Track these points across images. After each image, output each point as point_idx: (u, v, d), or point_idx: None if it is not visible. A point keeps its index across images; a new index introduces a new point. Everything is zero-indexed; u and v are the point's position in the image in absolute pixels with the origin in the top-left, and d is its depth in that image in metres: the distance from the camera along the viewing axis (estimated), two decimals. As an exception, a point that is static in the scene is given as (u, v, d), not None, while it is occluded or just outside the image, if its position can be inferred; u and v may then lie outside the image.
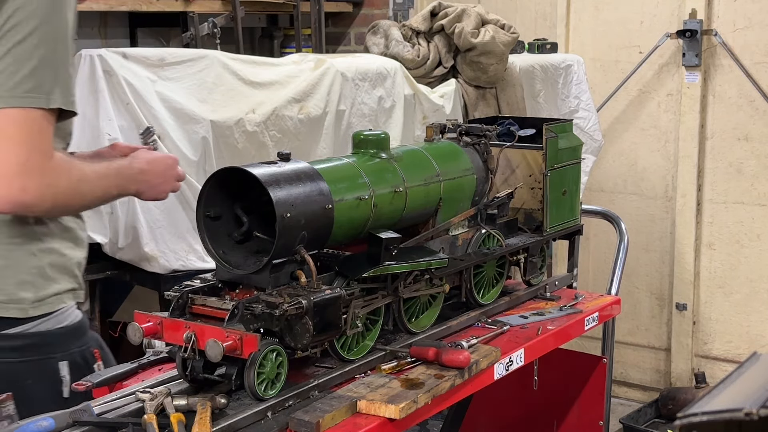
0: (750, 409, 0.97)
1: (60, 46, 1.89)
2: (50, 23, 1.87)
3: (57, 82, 1.88)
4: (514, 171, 2.58)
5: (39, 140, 1.85)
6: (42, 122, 1.86)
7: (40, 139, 1.86)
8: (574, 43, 5.15)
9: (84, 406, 1.80)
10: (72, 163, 1.95)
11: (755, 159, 4.68)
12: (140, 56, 3.09)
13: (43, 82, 1.86)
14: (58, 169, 1.89)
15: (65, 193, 1.91)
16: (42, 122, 1.86)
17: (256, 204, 1.88)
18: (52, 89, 1.87)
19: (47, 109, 1.86)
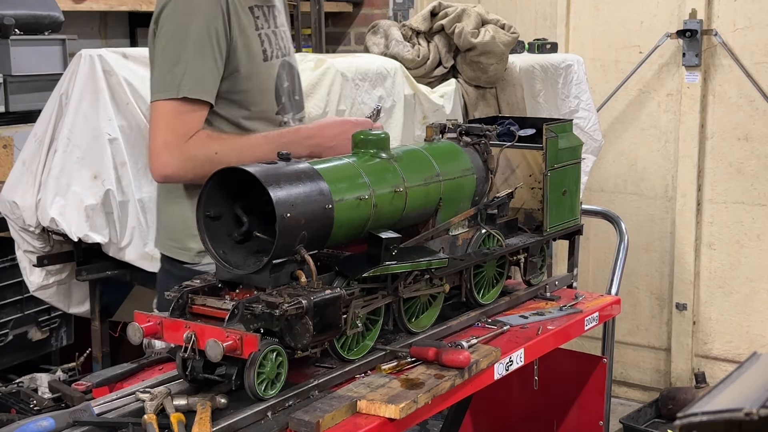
0: (750, 409, 0.97)
1: (190, 48, 2.30)
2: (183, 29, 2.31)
3: (186, 76, 2.30)
4: (514, 171, 2.58)
5: (176, 124, 2.31)
6: (179, 109, 2.31)
7: (177, 123, 2.31)
8: (574, 43, 5.16)
9: (84, 406, 1.81)
10: (212, 139, 2.34)
11: (755, 159, 4.68)
12: (140, 56, 3.08)
13: (175, 77, 2.30)
14: (195, 145, 2.31)
15: (203, 165, 2.28)
16: (179, 109, 2.31)
17: (256, 204, 1.88)
18: (181, 82, 2.30)
19: (179, 98, 2.29)
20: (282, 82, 2.52)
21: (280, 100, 2.51)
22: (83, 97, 2.94)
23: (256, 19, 2.44)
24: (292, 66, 2.59)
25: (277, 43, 2.51)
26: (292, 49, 2.61)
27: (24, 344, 3.48)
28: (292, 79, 2.58)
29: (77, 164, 2.92)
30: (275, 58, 2.49)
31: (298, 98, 2.62)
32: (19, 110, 3.61)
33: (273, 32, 2.51)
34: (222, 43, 2.34)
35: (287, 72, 2.55)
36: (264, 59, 2.45)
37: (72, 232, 2.89)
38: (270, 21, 2.50)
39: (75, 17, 4.28)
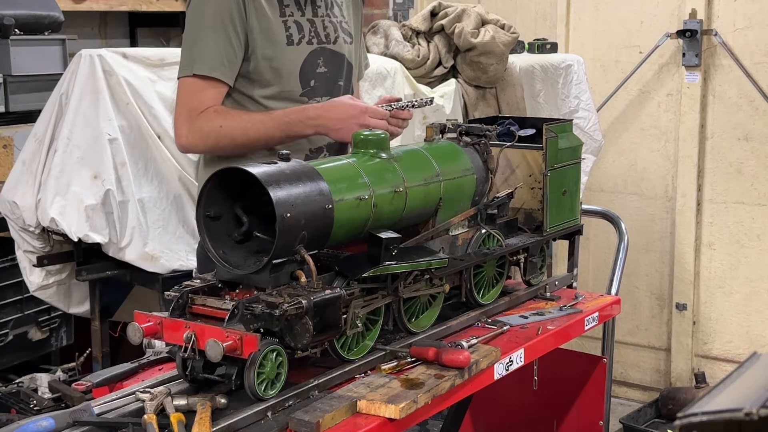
0: (750, 409, 0.97)
1: (204, 30, 2.50)
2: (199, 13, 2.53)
3: (198, 56, 2.50)
4: (514, 171, 2.58)
5: (190, 99, 2.52)
6: (193, 86, 2.51)
7: (190, 98, 2.52)
8: (574, 43, 5.15)
9: (84, 406, 1.81)
10: (218, 114, 2.50)
11: (755, 159, 4.68)
12: (140, 56, 3.09)
13: (191, 57, 2.52)
14: (203, 119, 2.49)
15: (210, 137, 2.49)
16: (193, 86, 2.51)
17: (256, 204, 1.88)
18: (195, 61, 2.51)
19: (191, 75, 2.50)
20: (314, 66, 2.63)
21: (307, 84, 2.61)
22: (83, 97, 2.94)
23: (284, 6, 2.59)
24: (337, 53, 2.70)
25: (314, 30, 2.65)
26: (343, 38, 2.73)
27: (24, 344, 3.48)
28: (334, 66, 2.69)
29: (77, 164, 2.92)
30: (306, 44, 2.62)
31: (342, 84, 2.73)
32: (19, 110, 3.61)
33: (309, 20, 2.64)
34: (238, 26, 2.51)
35: (327, 58, 2.67)
36: (288, 43, 2.58)
37: (72, 232, 2.89)
38: (306, 9, 2.65)
39: (75, 17, 4.28)
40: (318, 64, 2.65)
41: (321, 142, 2.63)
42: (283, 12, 2.59)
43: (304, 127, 2.52)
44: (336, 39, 2.71)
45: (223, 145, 2.52)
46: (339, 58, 2.72)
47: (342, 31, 2.75)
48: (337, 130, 2.51)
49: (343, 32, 2.75)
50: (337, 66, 2.71)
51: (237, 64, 2.54)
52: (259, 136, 2.49)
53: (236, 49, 2.52)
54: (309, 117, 2.51)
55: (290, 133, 2.51)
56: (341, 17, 2.76)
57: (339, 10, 2.76)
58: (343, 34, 2.75)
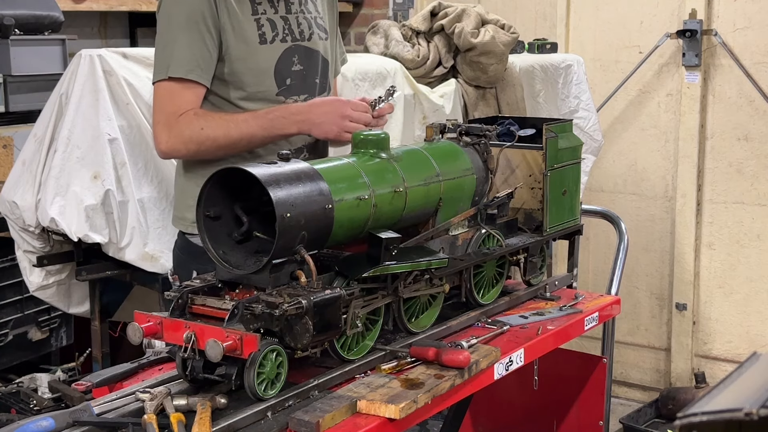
0: (750, 409, 0.97)
1: (176, 32, 2.48)
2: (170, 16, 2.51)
3: (172, 58, 2.47)
4: (514, 171, 2.58)
5: (167, 104, 2.49)
6: (169, 90, 2.49)
7: (168, 103, 2.49)
8: (574, 43, 5.15)
9: (84, 406, 1.81)
10: (198, 116, 2.47)
11: (755, 159, 4.68)
12: (140, 56, 3.09)
13: (164, 60, 2.49)
14: (183, 122, 2.47)
15: (192, 139, 2.47)
16: (169, 90, 2.49)
17: (256, 204, 1.88)
18: (169, 64, 2.48)
19: (167, 79, 2.47)
20: (289, 65, 2.61)
21: (283, 82, 2.59)
22: (83, 97, 2.94)
23: (256, 5, 2.56)
24: (312, 50, 2.68)
25: (288, 28, 2.62)
26: (318, 34, 2.70)
27: (24, 344, 3.48)
28: (309, 63, 2.67)
29: (77, 164, 2.92)
30: (280, 42, 2.59)
31: (318, 81, 2.70)
32: (19, 110, 3.61)
33: (283, 18, 2.61)
34: (210, 26, 2.48)
35: (302, 56, 2.64)
36: (261, 42, 2.55)
37: (72, 232, 2.89)
38: (279, 6, 2.61)
39: (75, 17, 4.28)
40: (293, 62, 2.63)
41: (301, 142, 2.61)
42: (255, 10, 2.56)
43: (288, 124, 2.49)
44: (311, 35, 2.68)
45: (205, 148, 2.48)
46: (314, 54, 2.69)
47: (317, 27, 2.72)
48: (319, 124, 2.50)
49: (317, 28, 2.72)
50: (312, 63, 2.69)
51: (212, 65, 2.51)
52: (242, 136, 2.47)
53: (210, 50, 2.49)
54: (292, 113, 2.50)
55: (273, 132, 2.50)
56: (316, 13, 2.73)
57: (313, 6, 2.73)
58: (318, 30, 2.72)
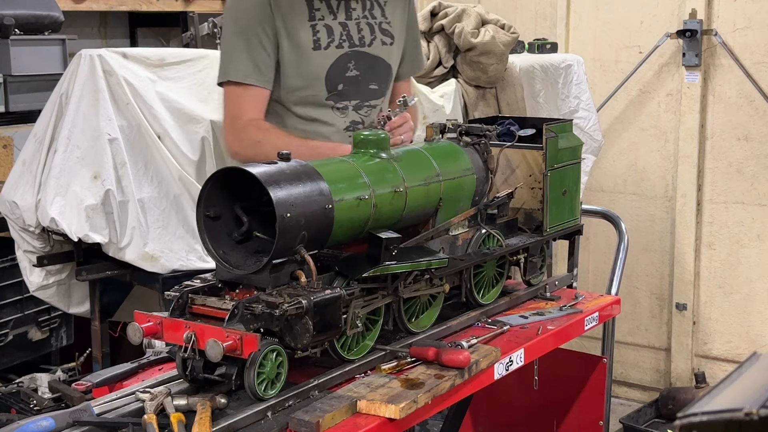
0: (750, 409, 0.97)
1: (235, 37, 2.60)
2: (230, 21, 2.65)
3: (231, 63, 2.61)
4: (514, 171, 2.58)
5: (231, 107, 2.64)
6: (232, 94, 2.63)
7: (231, 106, 2.64)
8: (574, 43, 5.15)
9: (84, 406, 1.81)
10: (259, 129, 2.60)
11: (755, 159, 4.68)
12: (140, 56, 3.09)
13: (224, 64, 2.64)
14: (245, 130, 2.61)
15: (249, 148, 2.60)
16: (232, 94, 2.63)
17: (256, 204, 1.88)
18: (228, 69, 2.62)
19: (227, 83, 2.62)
20: (344, 70, 2.69)
21: (334, 88, 2.68)
22: (83, 97, 2.94)
23: (314, 10, 2.64)
24: (371, 56, 2.74)
25: (346, 34, 2.68)
26: (381, 40, 2.76)
27: (24, 344, 3.48)
28: (367, 68, 2.73)
29: (77, 164, 2.92)
30: (336, 48, 2.65)
31: (374, 87, 2.77)
32: (19, 110, 3.61)
33: (342, 24, 2.67)
34: (267, 30, 2.59)
35: (359, 61, 2.71)
36: (314, 48, 2.63)
37: (72, 232, 2.89)
38: (339, 13, 2.68)
39: (75, 17, 4.28)
40: (348, 68, 2.69)
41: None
42: (313, 16, 2.63)
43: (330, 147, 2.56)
44: (372, 41, 2.74)
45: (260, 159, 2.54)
46: (374, 60, 2.75)
47: (380, 32, 2.77)
48: None
49: (382, 34, 2.77)
50: (370, 69, 2.74)
51: (271, 68, 2.61)
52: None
53: (270, 53, 2.59)
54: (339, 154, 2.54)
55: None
56: (382, 18, 2.78)
57: (380, 11, 2.78)
58: (382, 36, 2.77)
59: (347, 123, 2.75)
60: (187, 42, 4.58)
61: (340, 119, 2.74)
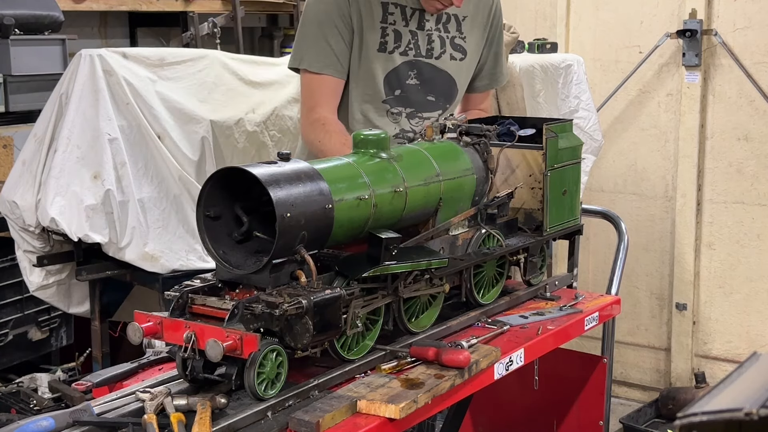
0: (750, 409, 0.97)
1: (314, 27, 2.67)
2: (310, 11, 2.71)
3: (308, 52, 2.68)
4: (514, 171, 2.58)
5: (307, 98, 2.73)
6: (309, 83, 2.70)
7: (308, 96, 2.73)
8: (574, 43, 5.15)
9: (84, 406, 1.81)
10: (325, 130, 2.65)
11: (755, 159, 4.68)
12: (140, 56, 3.09)
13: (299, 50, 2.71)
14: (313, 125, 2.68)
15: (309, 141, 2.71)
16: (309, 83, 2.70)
17: (256, 204, 1.88)
18: (303, 56, 2.70)
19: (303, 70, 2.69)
20: (405, 77, 2.75)
21: (392, 92, 2.75)
22: (83, 97, 2.94)
23: (388, 14, 2.70)
24: (436, 68, 2.79)
25: (414, 42, 2.73)
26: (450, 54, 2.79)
27: (24, 344, 3.48)
28: (428, 80, 2.78)
29: (77, 164, 2.92)
30: (400, 54, 2.73)
31: (432, 99, 2.81)
32: (19, 110, 3.61)
33: (412, 32, 2.74)
34: (342, 25, 2.66)
35: (421, 71, 2.76)
36: (380, 50, 2.69)
37: (72, 232, 2.89)
38: (411, 21, 2.73)
39: (75, 17, 4.28)
40: (409, 76, 2.75)
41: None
42: (386, 19, 2.68)
43: None
44: (440, 55, 2.77)
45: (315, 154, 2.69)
46: (438, 73, 2.78)
47: (452, 47, 2.79)
48: None
49: (453, 48, 2.80)
50: (432, 80, 2.78)
51: (346, 59, 2.69)
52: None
53: (347, 43, 2.67)
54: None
55: None
56: (456, 33, 2.81)
57: (456, 26, 2.80)
58: (452, 50, 2.80)
59: (397, 130, 2.80)
60: (187, 42, 4.58)
61: (392, 125, 2.79)
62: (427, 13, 2.75)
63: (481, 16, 2.87)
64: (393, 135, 2.79)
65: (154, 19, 4.86)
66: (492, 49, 2.95)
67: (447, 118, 2.49)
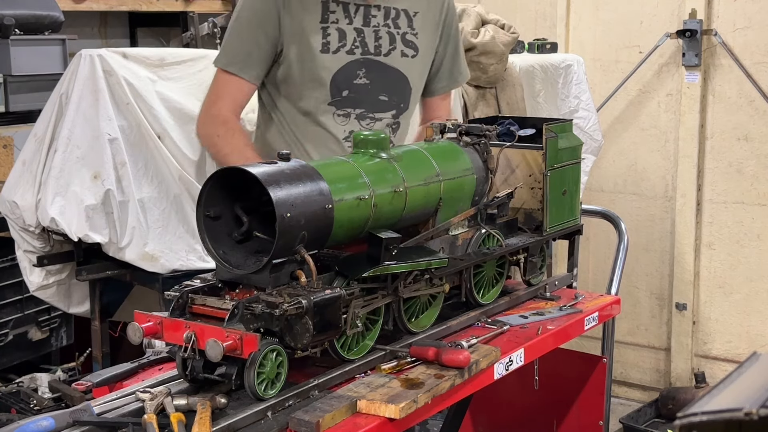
0: (750, 409, 0.97)
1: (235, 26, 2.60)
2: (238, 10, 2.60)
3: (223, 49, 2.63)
4: (514, 171, 2.58)
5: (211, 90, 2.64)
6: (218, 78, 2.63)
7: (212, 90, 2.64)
8: (574, 43, 5.15)
9: (84, 406, 1.81)
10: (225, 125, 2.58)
11: (755, 159, 4.68)
12: (140, 56, 3.09)
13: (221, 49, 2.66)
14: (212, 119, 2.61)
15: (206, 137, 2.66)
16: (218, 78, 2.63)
17: (256, 204, 1.88)
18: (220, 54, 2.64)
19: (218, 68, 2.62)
20: (352, 77, 2.63)
21: (339, 93, 2.63)
22: (83, 97, 2.94)
23: (329, 12, 2.59)
24: (386, 66, 2.68)
25: (361, 40, 2.63)
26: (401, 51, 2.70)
27: (24, 344, 3.48)
28: (379, 78, 2.67)
29: (77, 164, 2.92)
30: (346, 54, 2.62)
31: (384, 99, 2.70)
32: (19, 110, 3.62)
33: (357, 29, 2.63)
34: (268, 27, 2.56)
35: (371, 70, 2.65)
36: (323, 51, 2.58)
37: (72, 232, 2.89)
38: (356, 18, 2.62)
39: (75, 17, 4.28)
40: (358, 75, 2.64)
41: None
42: (326, 18, 2.59)
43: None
44: (390, 51, 2.68)
45: (211, 151, 2.69)
46: (388, 71, 2.69)
47: (403, 43, 2.70)
48: None
49: (404, 45, 2.70)
50: (383, 79, 2.68)
51: (260, 64, 2.60)
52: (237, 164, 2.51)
53: (262, 48, 2.57)
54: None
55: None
56: (407, 29, 2.71)
57: (407, 21, 2.71)
58: (404, 47, 2.70)
59: (347, 132, 2.68)
60: (187, 42, 4.58)
61: (340, 127, 2.68)
62: (374, 8, 2.64)
63: (432, 13, 2.77)
64: (343, 138, 2.67)
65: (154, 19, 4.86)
66: (449, 48, 2.84)
67: (448, 119, 2.48)
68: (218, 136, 2.60)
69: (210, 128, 2.63)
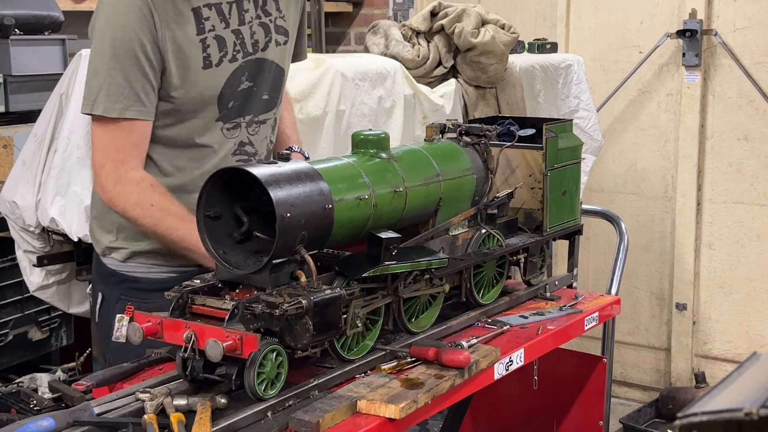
0: (750, 409, 0.97)
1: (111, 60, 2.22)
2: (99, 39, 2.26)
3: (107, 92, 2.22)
4: (514, 171, 2.58)
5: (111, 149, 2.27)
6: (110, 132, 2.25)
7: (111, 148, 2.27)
8: (574, 43, 5.15)
9: (84, 406, 1.81)
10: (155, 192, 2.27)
11: (755, 159, 4.68)
12: (140, 56, 3.07)
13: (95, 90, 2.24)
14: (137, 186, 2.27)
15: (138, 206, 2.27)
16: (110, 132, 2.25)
17: (256, 204, 1.88)
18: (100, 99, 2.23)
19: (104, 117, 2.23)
20: (237, 84, 2.37)
21: (225, 107, 2.37)
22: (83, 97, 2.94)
23: (204, 20, 2.30)
24: (264, 61, 2.43)
25: (240, 43, 2.37)
26: (275, 40, 2.46)
27: (24, 344, 3.48)
28: (260, 78, 2.43)
29: (77, 164, 2.92)
30: (229, 62, 2.35)
31: (268, 97, 2.47)
32: (19, 110, 3.61)
33: (234, 32, 2.36)
34: (150, 53, 2.23)
35: (252, 71, 2.40)
36: (205, 66, 2.30)
37: (72, 232, 2.89)
38: (231, 19, 2.35)
39: (75, 17, 4.28)
40: (241, 81, 2.38)
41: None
42: (201, 29, 2.29)
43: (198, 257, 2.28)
44: (266, 45, 2.43)
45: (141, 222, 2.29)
46: (266, 66, 2.45)
47: (275, 31, 2.46)
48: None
49: (276, 32, 2.47)
50: (263, 77, 2.44)
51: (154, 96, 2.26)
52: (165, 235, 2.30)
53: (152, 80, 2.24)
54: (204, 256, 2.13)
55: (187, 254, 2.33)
56: (276, 13, 2.47)
57: (275, 6, 2.47)
58: (277, 35, 2.47)
59: (235, 146, 2.43)
60: (187, 42, 4.57)
61: (229, 141, 2.41)
62: (245, 2, 2.36)
63: None
64: (231, 153, 2.41)
65: (154, 19, 4.86)
66: (302, 24, 2.60)
67: (448, 119, 2.48)
68: (152, 204, 2.26)
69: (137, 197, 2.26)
